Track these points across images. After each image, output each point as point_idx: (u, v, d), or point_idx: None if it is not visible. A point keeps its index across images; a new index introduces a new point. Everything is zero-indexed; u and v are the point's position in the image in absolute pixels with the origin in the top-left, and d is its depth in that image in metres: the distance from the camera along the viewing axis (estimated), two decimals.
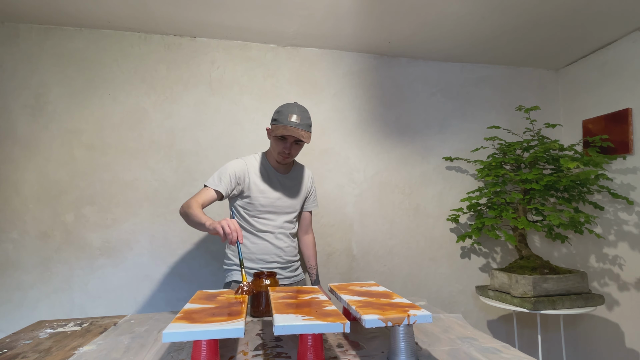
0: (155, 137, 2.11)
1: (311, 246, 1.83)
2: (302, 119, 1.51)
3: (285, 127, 1.48)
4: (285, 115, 1.50)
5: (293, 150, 1.55)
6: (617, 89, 2.25)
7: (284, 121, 1.49)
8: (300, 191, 1.70)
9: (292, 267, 1.69)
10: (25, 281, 1.93)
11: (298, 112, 1.51)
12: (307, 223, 1.82)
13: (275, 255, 1.63)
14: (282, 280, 1.64)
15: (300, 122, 1.50)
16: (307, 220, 1.82)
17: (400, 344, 0.86)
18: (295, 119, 1.49)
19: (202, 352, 0.80)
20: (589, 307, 1.90)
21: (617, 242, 2.24)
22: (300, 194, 1.71)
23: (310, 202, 1.79)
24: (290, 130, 1.47)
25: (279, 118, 1.52)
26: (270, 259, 1.62)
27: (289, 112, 1.50)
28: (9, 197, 1.94)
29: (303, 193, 1.72)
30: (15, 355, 0.95)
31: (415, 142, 2.46)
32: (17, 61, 1.97)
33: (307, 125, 1.52)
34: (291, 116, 1.49)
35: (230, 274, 1.64)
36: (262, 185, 1.61)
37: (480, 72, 2.58)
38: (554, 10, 1.89)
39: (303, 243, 1.84)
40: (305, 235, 1.83)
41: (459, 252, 2.49)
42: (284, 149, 1.54)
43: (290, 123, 1.48)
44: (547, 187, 2.08)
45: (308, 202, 1.78)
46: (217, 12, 1.91)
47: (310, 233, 1.85)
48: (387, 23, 2.02)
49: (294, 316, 0.84)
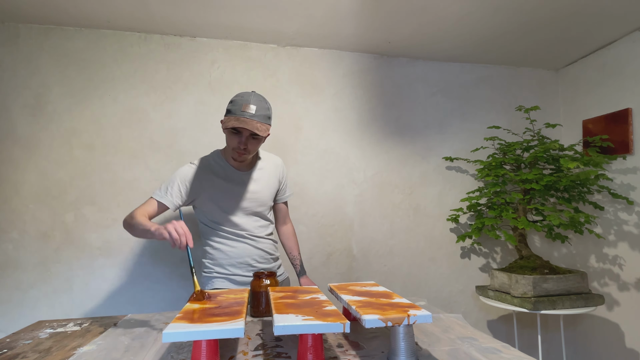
0: (155, 137, 2.11)
1: (291, 236, 1.72)
2: (259, 109, 1.34)
3: (238, 119, 1.32)
4: (239, 105, 1.34)
5: (250, 145, 1.39)
6: (617, 89, 2.25)
7: (237, 112, 1.33)
8: (267, 185, 1.56)
9: (276, 266, 1.62)
10: (25, 281, 1.92)
11: (254, 101, 1.35)
12: (284, 214, 1.71)
13: (258, 256, 1.54)
14: None
15: (255, 113, 1.33)
16: (284, 211, 1.71)
17: (400, 344, 0.86)
18: (251, 110, 1.33)
19: (202, 352, 0.80)
20: (589, 307, 1.90)
21: (617, 242, 2.24)
22: (268, 189, 1.56)
23: (282, 193, 1.66)
24: (243, 122, 1.31)
25: (232, 109, 1.36)
26: (253, 262, 1.53)
27: (244, 102, 1.34)
28: (9, 197, 1.94)
29: (271, 186, 1.58)
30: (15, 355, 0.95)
31: (415, 142, 2.46)
32: (17, 61, 1.97)
33: (264, 117, 1.36)
34: (246, 106, 1.33)
35: (211, 282, 1.53)
36: (220, 186, 1.47)
37: (480, 72, 2.58)
38: (554, 10, 1.89)
39: (282, 235, 1.73)
40: (284, 226, 1.73)
41: (459, 252, 2.49)
42: (238, 144, 1.37)
43: (244, 114, 1.32)
44: (547, 187, 2.08)
45: (280, 193, 1.65)
46: (217, 12, 1.91)
47: (288, 223, 1.74)
48: (387, 23, 2.02)
49: (294, 316, 0.84)
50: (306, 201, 2.27)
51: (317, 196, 2.29)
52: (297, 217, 2.24)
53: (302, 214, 2.25)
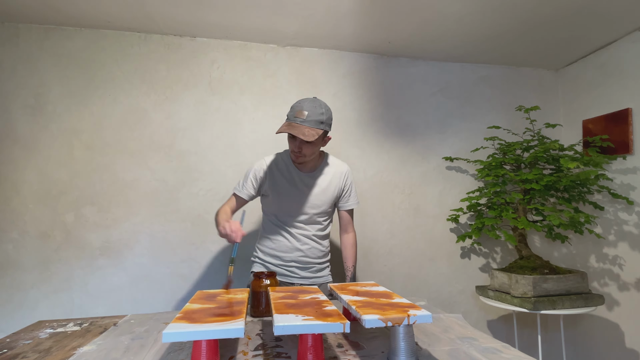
0: (155, 137, 2.11)
1: (349, 246, 1.72)
2: (310, 115, 1.37)
3: (289, 124, 1.38)
4: (294, 110, 1.40)
5: (304, 148, 1.43)
6: (617, 89, 2.24)
7: (291, 117, 1.39)
8: (324, 191, 1.59)
9: (313, 269, 1.63)
10: (25, 281, 1.93)
11: (308, 107, 1.39)
12: (346, 222, 1.72)
13: (294, 254, 1.58)
14: (299, 280, 1.60)
15: (306, 119, 1.37)
16: (345, 219, 1.71)
17: (400, 344, 0.86)
18: (303, 116, 1.37)
19: (202, 352, 0.80)
20: (589, 307, 1.90)
21: (617, 242, 2.24)
22: (326, 194, 1.60)
23: (344, 201, 1.66)
24: (291, 127, 1.36)
25: (288, 114, 1.42)
26: (288, 258, 1.58)
27: (299, 108, 1.39)
28: (9, 197, 1.94)
29: (330, 193, 1.60)
30: (15, 355, 0.95)
31: (415, 142, 2.46)
32: (17, 61, 1.98)
33: (315, 122, 1.38)
34: (300, 112, 1.37)
35: (253, 266, 1.67)
36: (280, 182, 1.56)
37: (480, 72, 2.58)
38: (554, 10, 1.89)
39: (342, 243, 1.75)
40: (345, 235, 1.73)
41: (459, 252, 2.49)
42: (293, 147, 1.45)
43: (296, 120, 1.38)
44: (547, 187, 2.08)
45: (342, 200, 1.66)
46: (217, 12, 1.91)
47: (349, 232, 1.73)
48: (387, 23, 2.02)
49: (294, 316, 0.84)
50: None
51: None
52: None
53: None
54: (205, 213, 2.12)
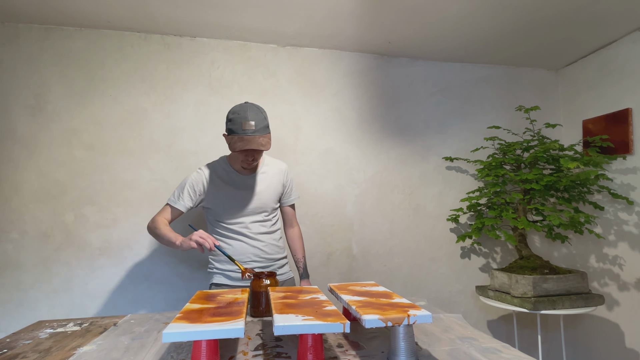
0: (155, 137, 2.11)
1: (296, 239, 1.77)
2: (258, 122, 1.39)
3: (242, 138, 1.38)
4: (238, 124, 1.39)
5: (256, 155, 1.47)
6: (617, 89, 2.25)
7: (239, 131, 1.39)
8: (269, 189, 1.62)
9: (275, 266, 1.64)
10: (25, 281, 1.92)
11: (252, 116, 1.39)
12: (290, 217, 1.77)
13: (253, 254, 1.58)
14: None
15: (256, 128, 1.38)
16: (289, 214, 1.77)
17: (400, 344, 0.86)
18: (251, 126, 1.38)
19: (202, 352, 0.80)
20: (589, 307, 1.90)
21: (617, 242, 2.24)
22: (270, 192, 1.62)
23: (288, 197, 1.72)
24: (247, 141, 1.37)
25: (233, 127, 1.41)
26: (247, 259, 1.58)
27: (242, 120, 1.39)
28: (9, 197, 1.94)
29: (273, 190, 1.64)
30: (15, 355, 0.95)
31: (415, 142, 2.46)
32: (17, 61, 1.97)
33: (264, 128, 1.41)
34: (245, 124, 1.38)
35: (211, 277, 1.63)
36: (223, 189, 1.57)
37: (480, 72, 2.58)
38: (554, 10, 1.89)
39: (288, 237, 1.79)
40: (290, 229, 1.78)
41: (459, 252, 2.49)
42: (246, 157, 1.46)
43: (247, 132, 1.38)
44: (547, 187, 2.08)
45: (285, 197, 1.71)
46: (217, 12, 1.91)
47: (294, 226, 1.79)
48: (387, 23, 2.02)
49: (294, 316, 0.84)
50: (306, 201, 2.27)
51: (317, 196, 2.29)
52: (297, 217, 2.24)
53: (302, 214, 2.25)
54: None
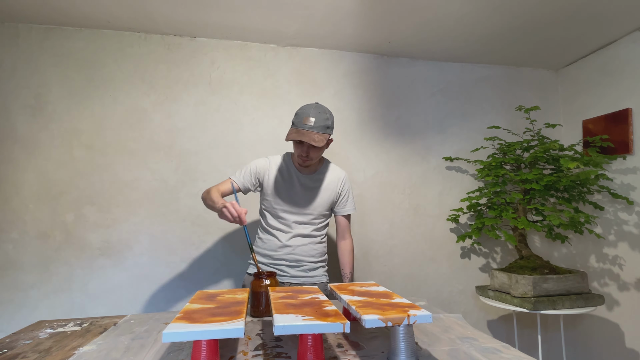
0: (155, 137, 2.11)
1: (346, 253, 1.73)
2: (318, 121, 1.46)
3: (298, 131, 1.46)
4: (300, 118, 1.48)
5: (311, 153, 1.51)
6: (617, 89, 2.24)
7: (299, 124, 1.47)
8: (320, 193, 1.64)
9: (304, 267, 1.63)
10: (25, 281, 1.92)
11: (314, 113, 1.47)
12: (343, 228, 1.74)
13: (283, 252, 1.61)
14: (290, 279, 1.61)
15: (314, 125, 1.46)
16: (342, 225, 1.74)
17: (400, 344, 0.86)
18: (310, 122, 1.45)
19: (202, 352, 0.80)
20: (589, 307, 1.90)
21: (617, 242, 2.24)
22: (321, 196, 1.64)
23: (341, 206, 1.71)
24: (302, 134, 1.45)
25: (295, 121, 1.50)
26: (277, 256, 1.61)
27: (305, 115, 1.47)
28: (9, 197, 1.94)
29: (326, 196, 1.65)
30: (15, 355, 0.95)
31: (415, 142, 2.46)
32: (17, 61, 1.97)
33: (323, 127, 1.48)
34: (306, 119, 1.46)
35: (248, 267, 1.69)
36: (279, 182, 1.62)
37: (480, 72, 2.58)
38: (554, 10, 1.89)
39: (339, 249, 1.76)
40: (341, 241, 1.75)
41: (459, 252, 2.49)
42: (301, 152, 1.52)
43: (304, 126, 1.46)
44: (547, 187, 2.08)
45: (339, 206, 1.71)
46: (217, 12, 1.91)
47: (346, 239, 1.75)
48: (387, 23, 2.02)
49: (294, 316, 0.84)
50: None
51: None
52: None
53: None
54: (205, 213, 2.12)
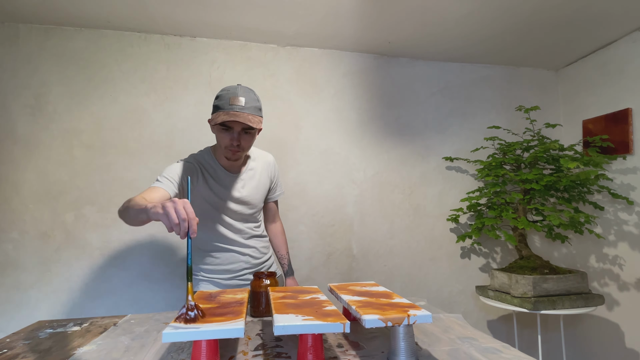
0: (155, 137, 2.11)
1: (279, 235, 1.64)
2: (249, 101, 1.25)
3: (228, 113, 1.22)
4: (226, 99, 1.24)
5: (243, 141, 1.28)
6: (617, 89, 2.25)
7: (225, 106, 1.23)
8: (257, 187, 1.47)
9: (264, 268, 1.55)
10: (25, 281, 1.92)
11: (242, 93, 1.25)
12: (273, 213, 1.63)
13: (244, 262, 1.48)
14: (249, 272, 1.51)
15: (245, 105, 1.24)
16: (273, 210, 1.62)
17: (400, 344, 0.86)
18: (240, 102, 1.23)
19: (202, 352, 0.80)
20: (589, 307, 1.90)
21: (617, 242, 2.24)
22: (258, 189, 1.47)
23: (273, 192, 1.57)
24: (234, 115, 1.21)
25: (219, 104, 1.25)
26: (238, 268, 1.48)
27: (231, 95, 1.24)
28: (9, 197, 1.94)
29: (262, 188, 1.49)
30: (15, 355, 0.95)
31: (415, 142, 2.46)
32: (17, 61, 1.97)
33: (255, 109, 1.26)
34: (234, 99, 1.23)
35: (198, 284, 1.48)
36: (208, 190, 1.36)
37: (480, 72, 2.58)
38: (554, 10, 1.89)
39: (270, 233, 1.65)
40: (272, 224, 1.64)
41: (459, 252, 2.49)
42: (231, 140, 1.26)
43: (234, 107, 1.22)
44: (547, 187, 2.08)
45: (270, 192, 1.56)
46: (217, 12, 1.91)
47: (277, 221, 1.65)
48: (387, 23, 2.02)
49: (294, 316, 0.84)
50: (306, 201, 2.27)
51: (317, 196, 2.29)
52: (297, 217, 2.25)
53: (302, 214, 2.25)
54: None
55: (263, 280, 1.28)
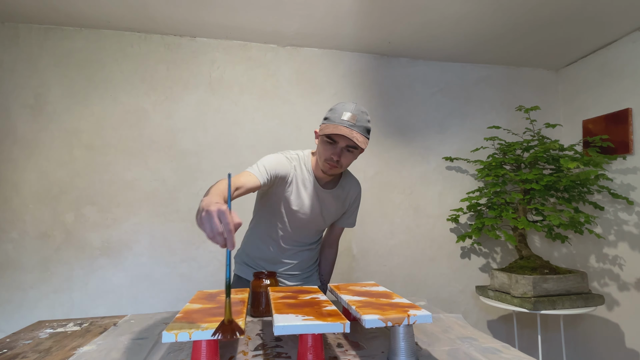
0: (155, 137, 2.11)
1: (330, 262, 1.59)
2: (360, 120, 1.22)
3: (336, 126, 1.19)
4: (338, 113, 1.22)
5: (343, 158, 1.25)
6: (617, 89, 2.24)
7: (336, 119, 1.21)
8: (339, 208, 1.43)
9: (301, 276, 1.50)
10: (25, 281, 1.92)
11: (355, 111, 1.22)
12: (335, 237, 1.56)
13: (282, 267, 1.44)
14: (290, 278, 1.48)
15: (356, 124, 1.21)
16: (336, 234, 1.56)
17: (400, 344, 0.86)
18: (351, 118, 1.20)
19: (202, 352, 0.80)
20: (589, 307, 1.90)
21: (617, 242, 2.24)
22: (338, 211, 1.44)
23: (345, 218, 1.50)
24: (341, 129, 1.18)
25: (331, 116, 1.24)
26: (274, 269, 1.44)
27: (344, 110, 1.22)
28: (9, 197, 1.94)
29: (341, 210, 1.45)
30: (15, 355, 0.95)
31: (415, 142, 2.46)
32: (17, 61, 1.97)
33: (364, 129, 1.23)
34: (346, 114, 1.21)
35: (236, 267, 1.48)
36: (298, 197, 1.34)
37: (480, 72, 2.58)
38: (554, 10, 1.89)
39: (322, 255, 1.59)
40: (328, 249, 1.58)
41: (459, 252, 2.49)
42: (332, 154, 1.24)
43: (344, 122, 1.20)
44: (547, 187, 2.08)
45: (344, 217, 1.49)
46: (217, 12, 1.91)
47: (333, 247, 1.59)
48: (387, 23, 2.02)
49: (294, 316, 0.84)
50: None
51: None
52: None
53: None
54: None
55: (263, 280, 1.27)
